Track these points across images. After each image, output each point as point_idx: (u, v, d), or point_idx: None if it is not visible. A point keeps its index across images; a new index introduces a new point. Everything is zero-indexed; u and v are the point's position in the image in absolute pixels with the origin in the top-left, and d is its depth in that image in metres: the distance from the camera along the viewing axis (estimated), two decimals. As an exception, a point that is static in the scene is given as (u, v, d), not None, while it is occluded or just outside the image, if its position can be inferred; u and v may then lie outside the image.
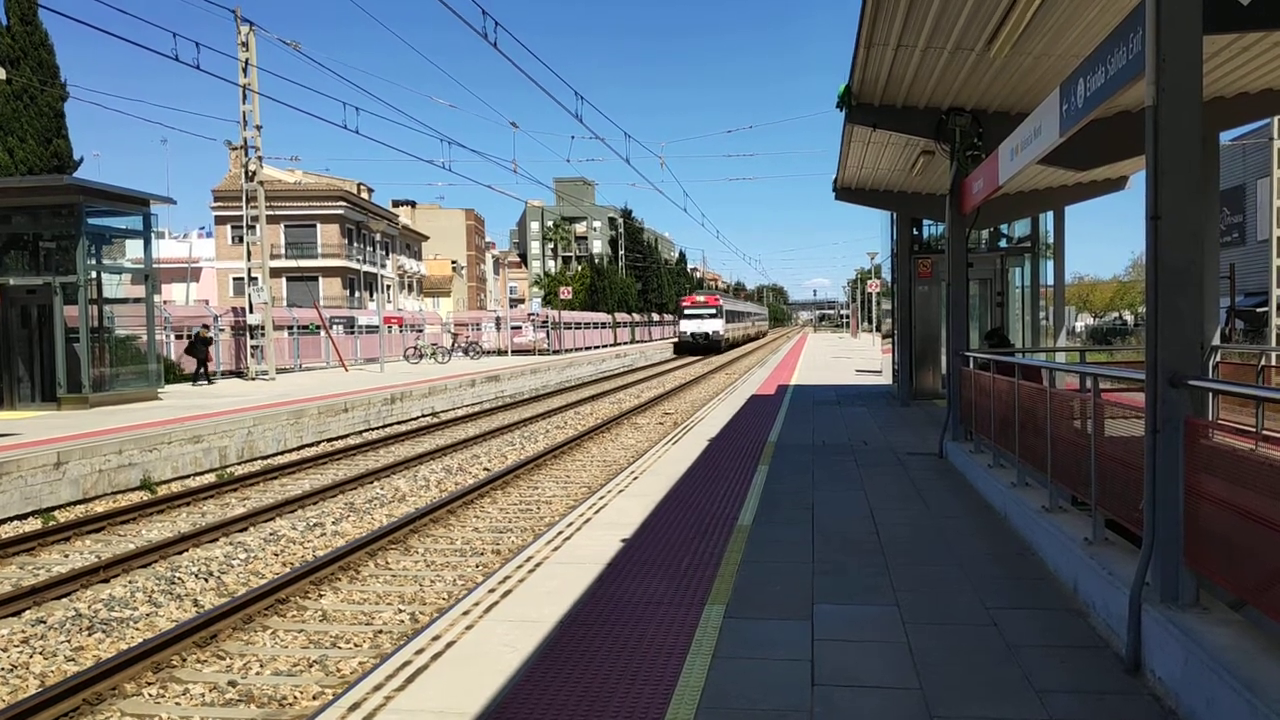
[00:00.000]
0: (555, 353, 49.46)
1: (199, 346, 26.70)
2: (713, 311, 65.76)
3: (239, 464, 16.68)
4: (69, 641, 7.55)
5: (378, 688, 5.05)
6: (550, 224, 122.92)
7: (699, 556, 7.58)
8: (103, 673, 6.48)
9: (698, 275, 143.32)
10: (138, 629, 7.90)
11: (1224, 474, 4.53)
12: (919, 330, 19.95)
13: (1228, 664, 4.05)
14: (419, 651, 5.59)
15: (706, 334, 64.18)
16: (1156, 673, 4.75)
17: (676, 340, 67.74)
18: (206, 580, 9.27)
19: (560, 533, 8.61)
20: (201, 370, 26.54)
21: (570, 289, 65.08)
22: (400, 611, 8.27)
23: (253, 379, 28.48)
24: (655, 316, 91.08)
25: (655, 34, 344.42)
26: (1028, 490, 8.42)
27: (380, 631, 7.75)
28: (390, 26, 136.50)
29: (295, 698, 6.47)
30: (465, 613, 6.30)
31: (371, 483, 14.57)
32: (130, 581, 9.17)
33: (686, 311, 67.27)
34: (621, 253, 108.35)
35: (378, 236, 59.68)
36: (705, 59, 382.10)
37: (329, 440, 19.80)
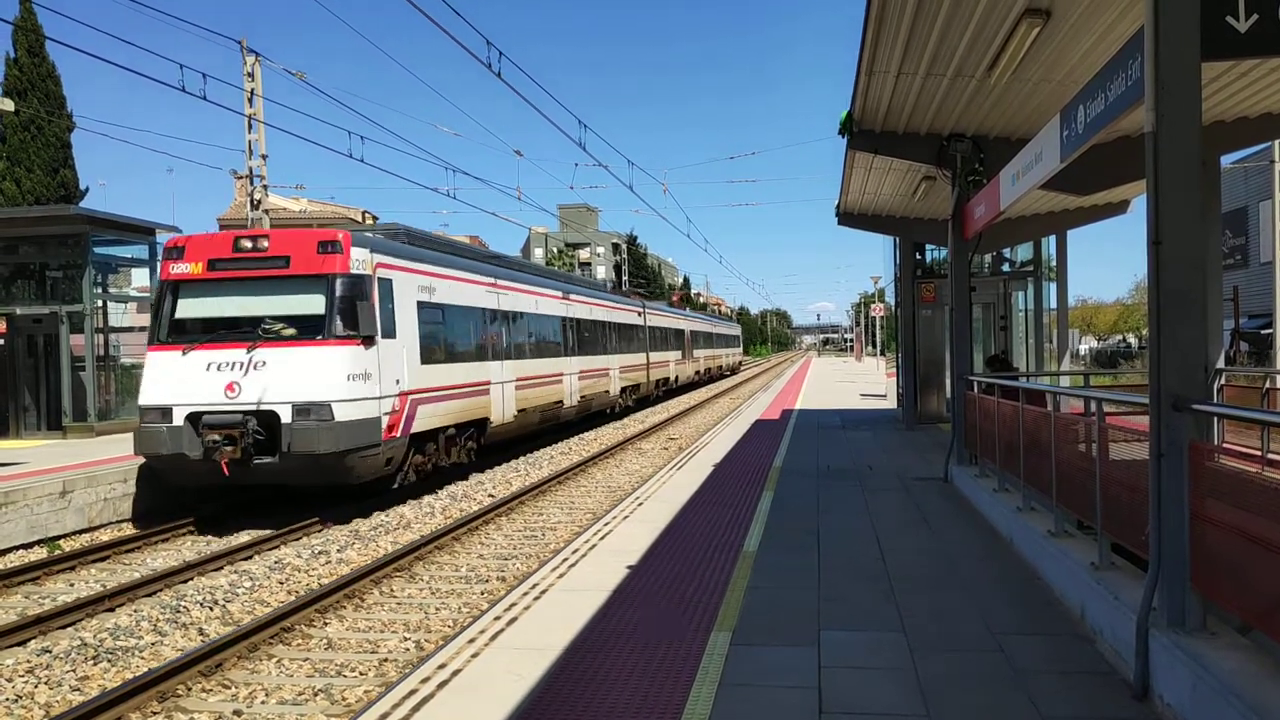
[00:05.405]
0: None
1: None
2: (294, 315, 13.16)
3: (244, 491, 16.64)
4: (74, 671, 7.53)
5: (384, 717, 5.04)
6: (554, 250, 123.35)
7: (704, 583, 7.56)
8: (108, 702, 6.47)
9: (700, 299, 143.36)
10: (143, 658, 7.88)
11: (1229, 498, 4.53)
12: (923, 354, 19.98)
13: (1236, 689, 4.04)
14: (425, 680, 5.58)
15: (244, 418, 12.44)
16: (1165, 698, 4.72)
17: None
18: (211, 609, 9.25)
19: (565, 559, 8.60)
20: None
21: (573, 315, 60.41)
22: (406, 639, 8.25)
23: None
24: None
25: (657, 68, 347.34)
26: (1033, 515, 8.41)
27: (386, 660, 7.73)
28: (395, 57, 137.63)
29: (300, 727, 6.45)
30: (471, 640, 6.29)
31: (376, 510, 14.55)
32: (135, 610, 9.15)
33: (181, 312, 13.43)
34: (625, 278, 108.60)
35: (382, 263, 59.80)
36: (701, 74, 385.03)
37: (334, 467, 19.74)
